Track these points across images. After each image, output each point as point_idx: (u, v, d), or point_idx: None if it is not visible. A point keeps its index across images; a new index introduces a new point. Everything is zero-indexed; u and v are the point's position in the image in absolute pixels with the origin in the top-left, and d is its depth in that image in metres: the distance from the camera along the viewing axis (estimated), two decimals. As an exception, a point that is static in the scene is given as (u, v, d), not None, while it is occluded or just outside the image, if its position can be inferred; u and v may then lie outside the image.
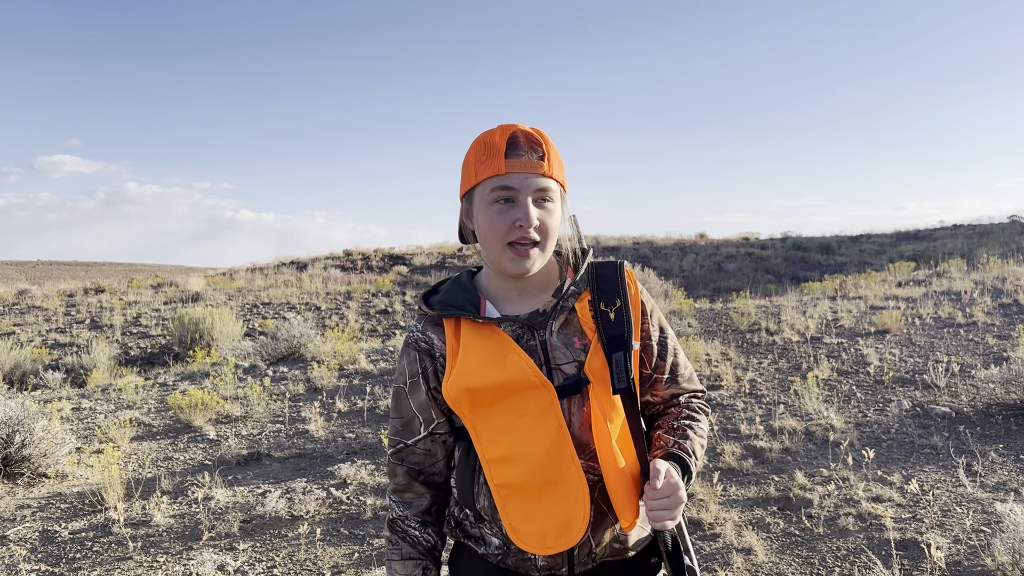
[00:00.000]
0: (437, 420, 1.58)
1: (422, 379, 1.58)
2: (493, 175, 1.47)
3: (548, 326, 1.54)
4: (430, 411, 1.58)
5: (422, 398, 1.58)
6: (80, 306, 17.27)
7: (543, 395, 1.48)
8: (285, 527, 4.58)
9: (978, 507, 4.31)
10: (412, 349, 1.59)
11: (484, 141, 1.51)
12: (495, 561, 1.55)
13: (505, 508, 1.48)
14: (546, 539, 1.47)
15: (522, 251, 1.49)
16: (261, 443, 6.31)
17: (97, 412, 7.76)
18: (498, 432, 1.49)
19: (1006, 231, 27.60)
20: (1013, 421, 5.73)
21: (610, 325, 1.54)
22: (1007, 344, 7.87)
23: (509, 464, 1.48)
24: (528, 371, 1.48)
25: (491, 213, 1.49)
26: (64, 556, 4.33)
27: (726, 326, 9.98)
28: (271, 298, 17.67)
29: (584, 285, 1.59)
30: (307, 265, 24.59)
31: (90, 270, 52.69)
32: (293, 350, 10.37)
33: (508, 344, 1.51)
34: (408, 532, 1.61)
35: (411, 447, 1.60)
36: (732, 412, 6.41)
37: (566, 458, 1.47)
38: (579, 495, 1.47)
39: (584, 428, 1.50)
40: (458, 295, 1.58)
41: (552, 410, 1.48)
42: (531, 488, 1.47)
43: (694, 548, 4.06)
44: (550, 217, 1.51)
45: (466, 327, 1.54)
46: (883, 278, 14.21)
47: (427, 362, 1.57)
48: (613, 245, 28.80)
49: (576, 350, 1.53)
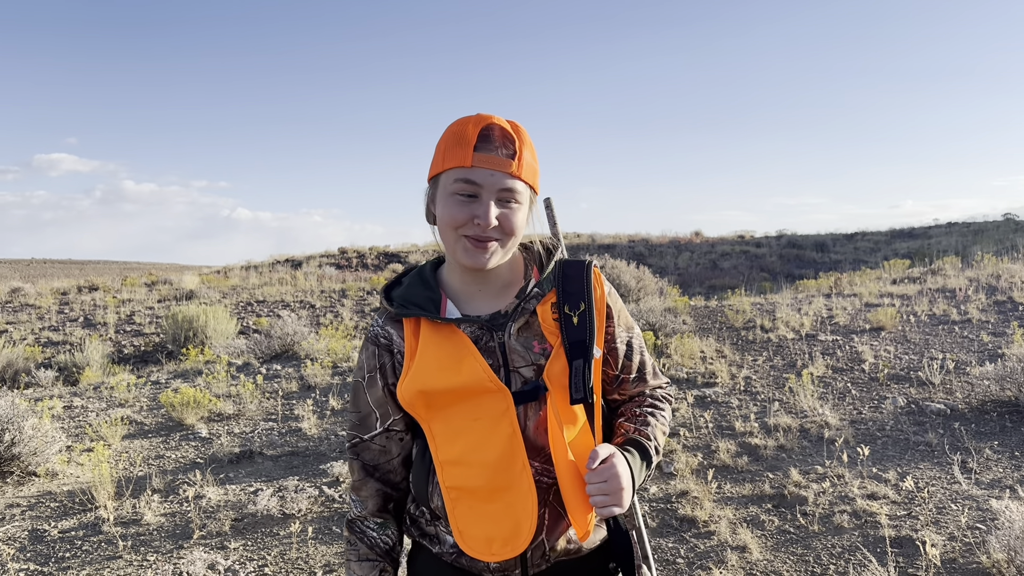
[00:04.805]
0: (394, 416, 1.55)
1: (379, 374, 1.54)
2: (458, 166, 1.42)
3: (507, 328, 1.49)
4: (387, 407, 1.55)
5: (379, 393, 1.54)
6: (73, 304, 17.19)
7: (499, 400, 1.45)
8: (277, 525, 4.54)
9: (973, 504, 4.30)
10: (371, 343, 1.56)
11: (457, 129, 1.44)
12: (450, 560, 1.52)
13: (454, 511, 1.46)
14: (492, 545, 1.44)
15: (479, 244, 1.44)
16: (253, 441, 6.27)
17: (89, 410, 7.71)
18: (452, 434, 1.47)
19: (1000, 229, 27.65)
20: (1008, 418, 5.72)
21: (573, 330, 1.50)
22: (1001, 341, 7.86)
23: (460, 467, 1.46)
24: (483, 376, 1.44)
25: (451, 204, 1.43)
26: (53, 555, 4.29)
27: (721, 323, 9.96)
28: (265, 296, 17.62)
29: (549, 285, 1.54)
30: (302, 263, 24.55)
31: (84, 268, 52.53)
32: (287, 348, 10.32)
33: (466, 346, 1.47)
34: (366, 533, 1.59)
35: (367, 443, 1.57)
36: (727, 409, 6.39)
37: (518, 465, 1.44)
38: (528, 503, 1.44)
39: (539, 432, 1.47)
40: (419, 291, 1.54)
41: (507, 416, 1.44)
42: (481, 493, 1.45)
43: (688, 546, 4.04)
44: (513, 216, 1.44)
45: (426, 326, 1.50)
46: (878, 275, 14.21)
47: (385, 357, 1.54)
48: (609, 243, 28.79)
49: (535, 354, 1.49)
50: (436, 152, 1.48)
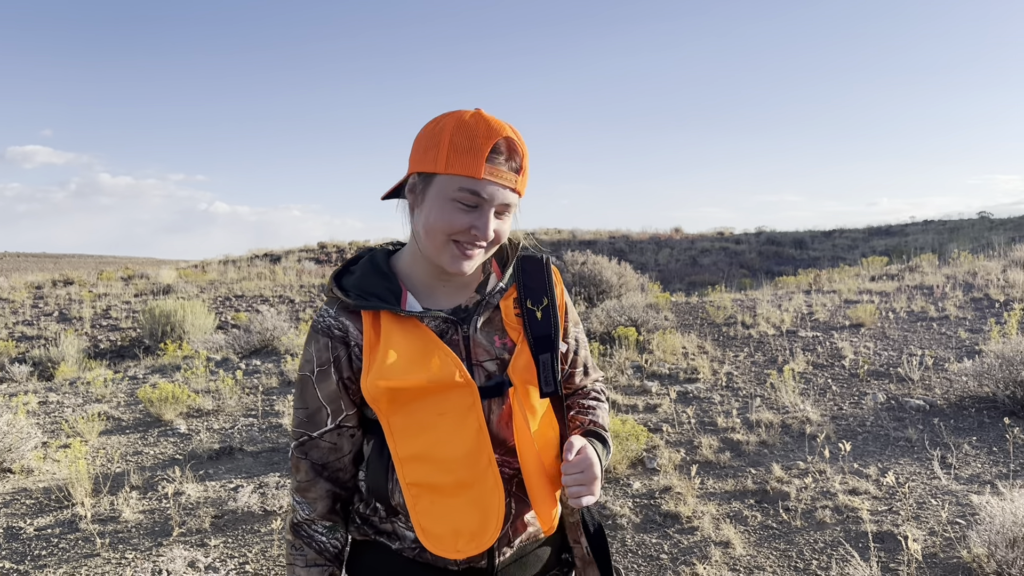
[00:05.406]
0: (346, 412, 1.48)
1: (333, 368, 1.46)
2: (466, 175, 1.36)
3: (472, 322, 1.47)
4: (339, 402, 1.47)
5: (332, 388, 1.46)
6: (48, 298, 16.95)
7: (466, 395, 1.42)
8: (258, 522, 4.49)
9: (953, 499, 4.33)
10: (322, 335, 1.47)
11: (467, 131, 1.37)
12: (412, 555, 1.48)
13: (416, 507, 1.42)
14: (458, 542, 1.42)
15: (467, 252, 1.41)
16: (233, 437, 6.21)
17: (65, 406, 7.60)
18: (416, 429, 1.42)
19: (975, 227, 28.02)
20: (986, 414, 5.78)
21: (537, 324, 1.51)
22: (979, 338, 7.95)
23: (424, 463, 1.42)
24: (454, 371, 1.41)
25: (449, 210, 1.38)
26: (29, 553, 4.22)
27: (702, 319, 9.99)
28: (244, 291, 17.47)
29: (510, 281, 1.54)
30: (281, 258, 24.38)
31: (59, 262, 51.82)
32: (266, 343, 10.24)
33: (433, 341, 1.43)
34: (314, 537, 1.51)
35: (315, 440, 1.48)
36: (709, 405, 6.41)
37: (484, 460, 1.42)
38: (495, 498, 1.43)
39: (503, 425, 1.47)
40: (376, 282, 1.47)
41: (473, 411, 1.42)
42: (446, 489, 1.42)
43: (672, 542, 4.04)
44: (504, 226, 1.44)
45: (387, 319, 1.44)
46: (856, 272, 14.34)
47: (340, 350, 1.45)
48: (590, 239, 28.84)
49: (498, 348, 1.49)
50: (431, 144, 1.39)
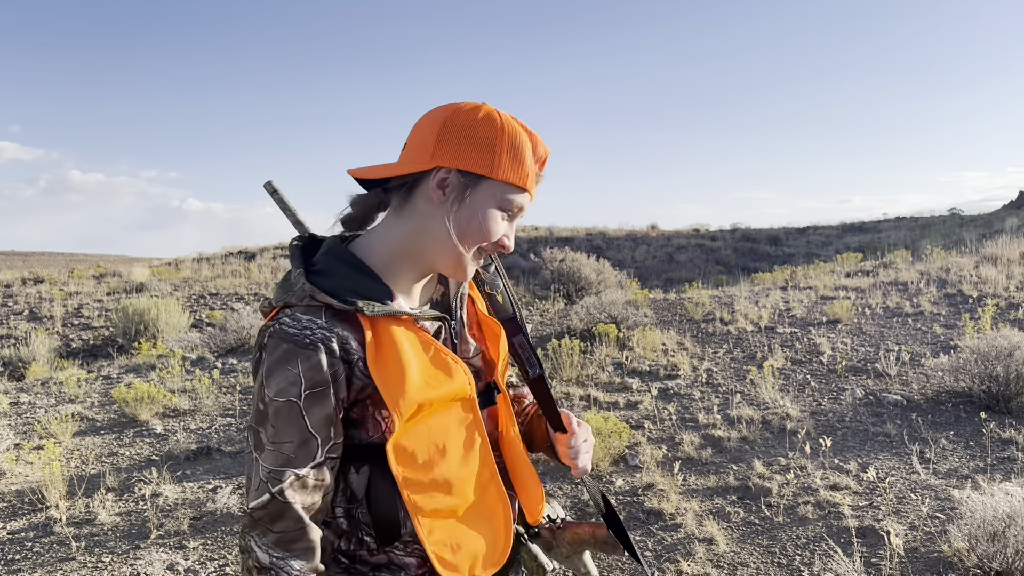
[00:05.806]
0: (334, 440, 1.24)
1: (332, 389, 1.21)
2: (520, 187, 1.28)
3: (457, 317, 1.39)
4: (330, 429, 1.23)
5: (327, 412, 1.22)
6: (18, 297, 16.64)
7: (469, 407, 1.33)
8: (237, 524, 4.43)
9: (932, 494, 4.38)
10: (312, 351, 1.20)
11: (523, 144, 1.28)
12: None
13: (430, 538, 1.29)
14: (475, 568, 1.34)
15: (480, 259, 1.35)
16: (211, 437, 6.12)
17: (37, 406, 7.46)
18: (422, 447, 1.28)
19: (947, 223, 28.42)
20: (962, 408, 5.85)
21: (501, 308, 1.47)
22: (953, 333, 8.05)
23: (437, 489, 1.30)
24: (466, 379, 1.31)
25: (493, 219, 1.29)
26: (2, 557, 4.12)
27: (681, 316, 10.03)
28: (218, 288, 17.27)
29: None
30: (256, 255, 24.13)
31: (28, 260, 50.98)
32: (242, 341, 10.12)
33: (440, 346, 1.31)
34: None
35: (303, 478, 1.22)
36: (689, 401, 6.43)
37: (487, 475, 1.35)
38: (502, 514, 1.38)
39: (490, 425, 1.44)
40: (361, 282, 1.27)
41: (476, 423, 1.35)
42: (458, 514, 1.33)
43: (656, 539, 4.04)
44: None
45: (388, 324, 1.26)
46: (832, 268, 14.46)
47: (339, 366, 1.22)
48: (567, 236, 28.86)
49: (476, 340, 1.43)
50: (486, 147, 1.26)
